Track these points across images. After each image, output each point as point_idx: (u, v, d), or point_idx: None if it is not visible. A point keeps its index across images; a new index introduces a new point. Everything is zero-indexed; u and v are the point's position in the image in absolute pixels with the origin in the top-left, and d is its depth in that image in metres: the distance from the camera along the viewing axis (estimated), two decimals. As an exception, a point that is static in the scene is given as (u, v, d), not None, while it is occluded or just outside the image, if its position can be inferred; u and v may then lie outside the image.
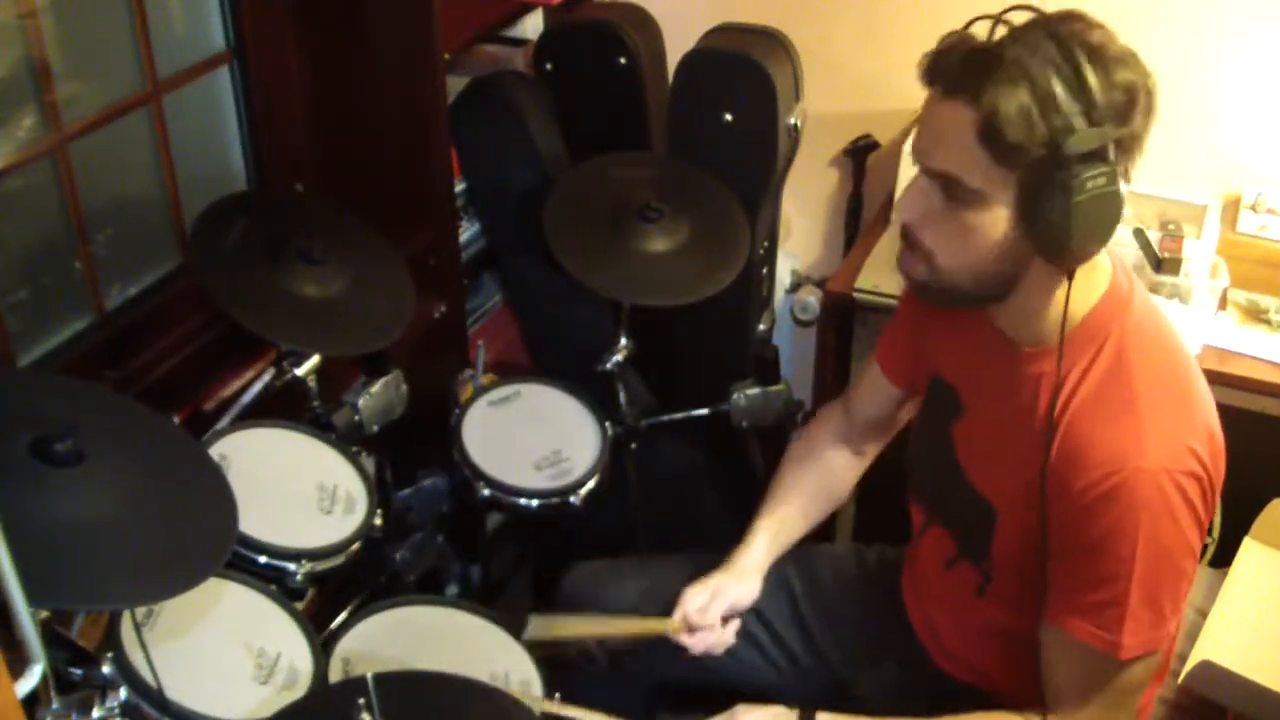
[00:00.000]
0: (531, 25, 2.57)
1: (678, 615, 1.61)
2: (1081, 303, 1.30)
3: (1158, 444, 1.25)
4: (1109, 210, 1.18)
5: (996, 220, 1.23)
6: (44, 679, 1.11)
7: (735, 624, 1.65)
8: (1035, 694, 1.38)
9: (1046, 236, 1.20)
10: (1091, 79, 1.15)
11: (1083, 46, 1.16)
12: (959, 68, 1.19)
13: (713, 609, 1.61)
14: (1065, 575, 1.32)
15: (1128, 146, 1.20)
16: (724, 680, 1.68)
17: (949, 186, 1.23)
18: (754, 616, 1.69)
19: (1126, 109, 1.17)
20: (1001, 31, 1.20)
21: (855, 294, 2.28)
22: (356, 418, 1.83)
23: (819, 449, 1.75)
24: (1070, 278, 1.25)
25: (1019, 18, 1.21)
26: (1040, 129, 1.15)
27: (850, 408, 1.73)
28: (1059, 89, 1.15)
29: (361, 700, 1.24)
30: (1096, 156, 1.16)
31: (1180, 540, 1.27)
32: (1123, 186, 1.19)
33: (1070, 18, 1.19)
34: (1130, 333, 1.30)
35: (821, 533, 1.76)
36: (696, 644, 1.61)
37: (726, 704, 1.49)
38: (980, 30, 1.21)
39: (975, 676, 1.54)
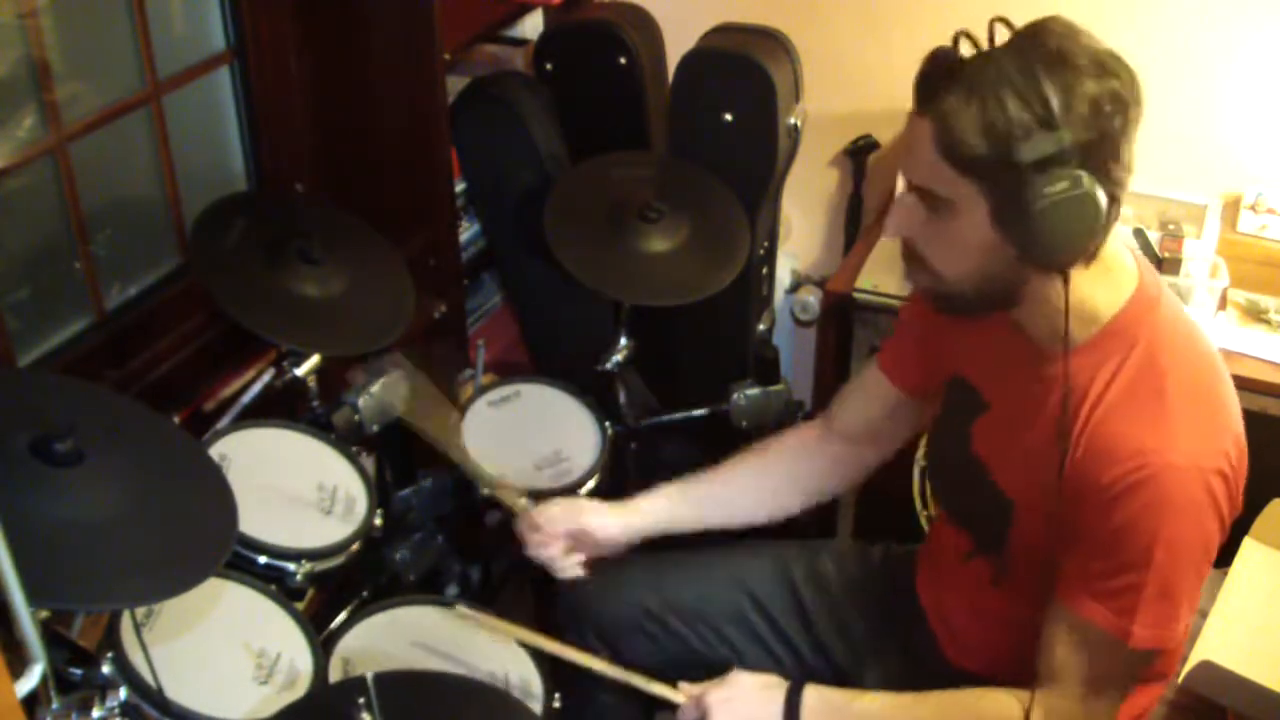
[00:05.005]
0: (531, 25, 2.57)
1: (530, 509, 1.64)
2: (1109, 303, 1.31)
3: (1189, 442, 1.26)
4: (1079, 213, 1.19)
5: (975, 228, 1.25)
6: (44, 679, 1.11)
7: (580, 557, 1.64)
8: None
9: (1021, 242, 1.22)
10: (1047, 87, 1.16)
11: (1043, 56, 1.18)
12: (921, 83, 1.24)
13: (561, 519, 1.62)
14: (1084, 560, 1.32)
15: (1100, 149, 1.20)
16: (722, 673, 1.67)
17: (927, 199, 1.27)
18: (755, 608, 1.69)
19: (1092, 114, 1.18)
20: (973, 45, 1.22)
21: (855, 294, 2.28)
22: (356, 418, 1.83)
23: (777, 449, 1.73)
24: (1066, 280, 1.25)
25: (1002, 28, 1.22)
26: (992, 138, 1.18)
27: (831, 420, 1.73)
28: (1010, 99, 1.17)
29: (361, 700, 1.24)
30: (1054, 162, 1.17)
31: (1202, 538, 1.28)
32: (1100, 189, 1.19)
33: (1041, 29, 1.21)
34: (1162, 334, 1.31)
35: (822, 531, 1.75)
36: (532, 543, 1.62)
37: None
38: (964, 43, 1.23)
39: (987, 666, 1.54)
